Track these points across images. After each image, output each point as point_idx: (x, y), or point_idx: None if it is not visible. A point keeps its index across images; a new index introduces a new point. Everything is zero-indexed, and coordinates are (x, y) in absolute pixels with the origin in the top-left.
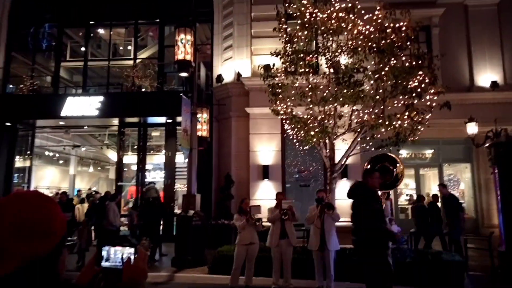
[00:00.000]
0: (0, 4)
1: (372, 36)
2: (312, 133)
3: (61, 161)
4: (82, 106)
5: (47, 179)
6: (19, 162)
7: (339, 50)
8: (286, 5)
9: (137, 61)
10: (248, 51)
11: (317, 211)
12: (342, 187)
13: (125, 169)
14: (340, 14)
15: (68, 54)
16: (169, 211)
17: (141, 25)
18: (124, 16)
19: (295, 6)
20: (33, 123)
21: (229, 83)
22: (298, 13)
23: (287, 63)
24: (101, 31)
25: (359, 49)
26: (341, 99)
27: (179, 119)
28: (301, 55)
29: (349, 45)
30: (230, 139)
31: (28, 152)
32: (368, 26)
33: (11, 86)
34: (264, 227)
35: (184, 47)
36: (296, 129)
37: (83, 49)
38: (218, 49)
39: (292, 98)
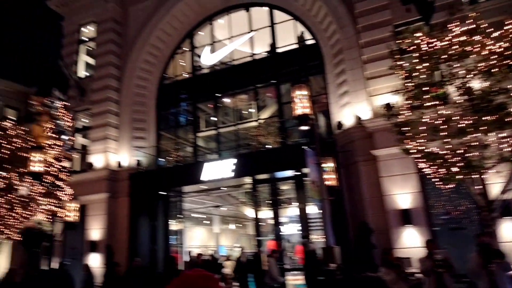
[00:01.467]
0: (150, 94)
1: (507, 52)
2: (455, 169)
3: (206, 221)
4: (218, 169)
5: (196, 239)
6: (173, 225)
7: (469, 75)
8: (398, 42)
9: (260, 121)
10: (364, 93)
11: (481, 260)
12: (507, 228)
13: (262, 224)
14: (462, 38)
15: (203, 125)
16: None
17: (260, 88)
18: (244, 84)
19: (408, 41)
20: (180, 190)
21: (350, 128)
22: (414, 47)
23: (411, 99)
24: (226, 100)
25: (494, 69)
26: (483, 127)
27: (305, 170)
28: (425, 88)
29: (481, 68)
30: (360, 185)
31: (180, 216)
32: (501, 43)
33: (161, 159)
34: (416, 279)
35: (301, 102)
36: (435, 167)
37: (213, 118)
38: (334, 97)
39: (423, 134)
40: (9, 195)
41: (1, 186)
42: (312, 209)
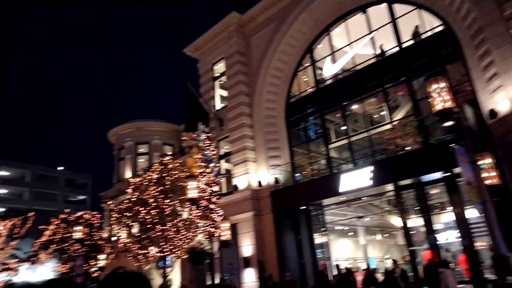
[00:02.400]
0: (279, 114)
1: None
2: None
3: (350, 233)
4: (355, 179)
5: (343, 251)
6: (317, 239)
7: None
8: None
9: (395, 123)
10: None
11: None
12: None
13: (413, 232)
14: None
15: (333, 136)
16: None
17: (389, 88)
18: (371, 87)
19: None
20: (320, 203)
21: (508, 114)
22: None
23: None
24: (354, 107)
25: None
26: None
27: (457, 170)
28: None
29: None
30: None
31: (323, 229)
32: None
33: (297, 174)
34: None
35: (440, 96)
36: None
37: (343, 127)
38: (480, 83)
39: None
40: (174, 220)
41: (168, 213)
42: (472, 213)
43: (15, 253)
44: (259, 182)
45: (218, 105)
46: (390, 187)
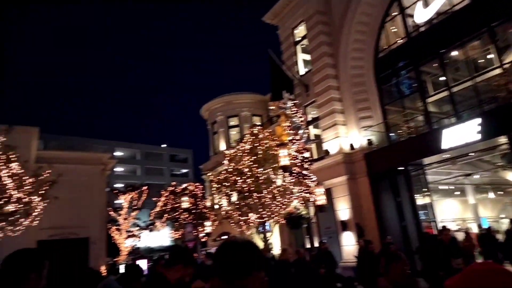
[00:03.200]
0: (367, 72)
1: None
2: None
3: (457, 192)
4: (459, 134)
5: (448, 212)
6: (419, 200)
7: None
8: None
9: (506, 65)
10: None
11: None
12: None
13: None
14: None
15: (431, 89)
16: None
17: (496, 27)
18: (473, 29)
19: None
20: (420, 162)
21: None
22: None
23: None
24: (454, 54)
25: None
26: None
27: None
28: None
29: None
30: None
31: (424, 189)
32: None
33: (392, 134)
34: None
35: None
36: None
37: (442, 78)
38: None
39: None
40: (269, 188)
41: (263, 181)
42: None
43: (136, 222)
44: (351, 145)
45: (302, 70)
46: (503, 139)
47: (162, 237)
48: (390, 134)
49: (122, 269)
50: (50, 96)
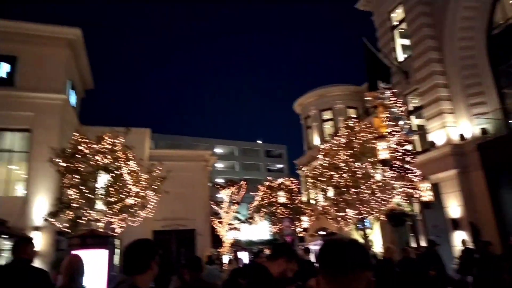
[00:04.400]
0: (479, 52)
1: None
2: None
3: None
4: None
5: None
6: None
7: None
8: None
9: None
10: None
11: None
12: None
13: None
14: None
15: None
16: None
17: None
18: None
19: None
20: None
21: None
22: None
23: None
24: None
25: None
26: None
27: None
28: None
29: None
30: None
31: None
32: None
33: None
34: None
35: None
36: None
37: None
38: None
39: None
40: (368, 183)
41: (360, 176)
42: None
43: (236, 215)
44: (461, 136)
45: (401, 56)
46: None
47: (261, 230)
48: (510, 121)
49: (225, 260)
50: (157, 100)
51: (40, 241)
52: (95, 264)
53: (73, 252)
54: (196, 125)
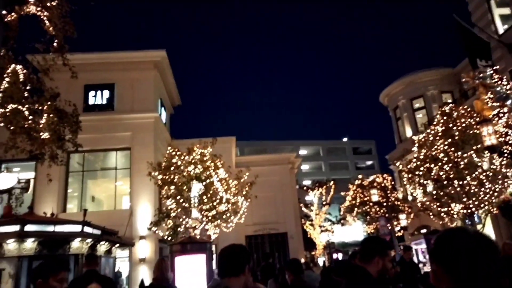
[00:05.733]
0: None
1: None
2: None
3: None
4: None
5: None
6: None
7: None
8: None
9: None
10: None
11: None
12: None
13: None
14: None
15: None
16: None
17: None
18: None
19: None
20: None
21: None
22: None
23: None
24: None
25: None
26: None
27: None
28: None
29: None
30: None
31: None
32: None
33: None
34: None
35: None
36: None
37: None
38: None
39: None
40: (474, 173)
41: (464, 166)
42: None
43: (327, 217)
44: None
45: (501, 28)
46: None
47: (355, 231)
48: None
49: (320, 262)
50: (240, 109)
51: (146, 248)
52: (195, 268)
53: (176, 258)
54: (279, 129)
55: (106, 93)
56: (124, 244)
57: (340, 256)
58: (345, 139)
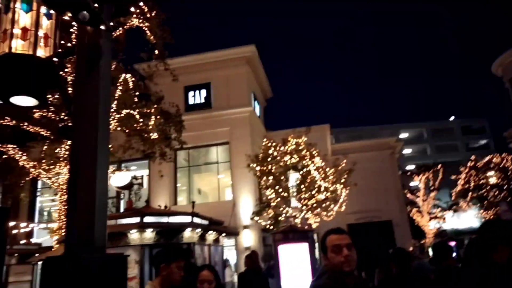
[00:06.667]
0: None
1: None
2: None
3: None
4: None
5: None
6: None
7: None
8: None
9: None
10: None
11: None
12: None
13: None
14: None
15: None
16: None
17: None
18: None
19: None
20: None
21: None
22: None
23: None
24: None
25: None
26: None
27: None
28: None
29: None
30: None
31: None
32: None
33: None
34: None
35: None
36: None
37: None
38: None
39: None
40: None
41: None
42: None
43: (437, 203)
44: None
45: None
46: None
47: (469, 218)
48: None
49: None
50: (332, 96)
51: (250, 237)
52: (298, 257)
53: (278, 246)
54: (376, 113)
55: (204, 92)
56: (230, 233)
57: (453, 244)
58: (452, 118)
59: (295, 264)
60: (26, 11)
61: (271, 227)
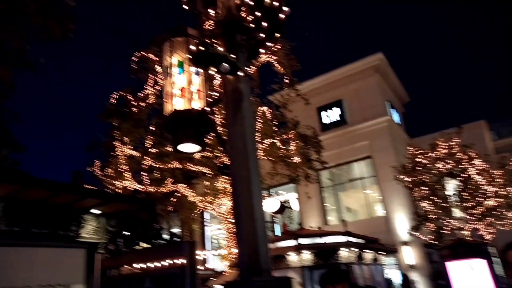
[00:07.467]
0: None
1: None
2: None
3: None
4: None
5: None
6: None
7: None
8: None
9: None
10: None
11: None
12: None
13: None
14: None
15: None
16: None
17: None
18: None
19: None
20: None
21: None
22: None
23: None
24: None
25: None
26: None
27: None
28: None
29: None
30: None
31: None
32: None
33: None
34: None
35: None
36: None
37: None
38: None
39: None
40: None
41: None
42: None
43: None
44: None
45: None
46: None
47: None
48: None
49: None
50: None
51: (411, 254)
52: (475, 276)
53: (447, 263)
54: None
55: (337, 110)
56: (387, 251)
57: None
58: None
59: (472, 284)
60: (180, 73)
61: (435, 242)
